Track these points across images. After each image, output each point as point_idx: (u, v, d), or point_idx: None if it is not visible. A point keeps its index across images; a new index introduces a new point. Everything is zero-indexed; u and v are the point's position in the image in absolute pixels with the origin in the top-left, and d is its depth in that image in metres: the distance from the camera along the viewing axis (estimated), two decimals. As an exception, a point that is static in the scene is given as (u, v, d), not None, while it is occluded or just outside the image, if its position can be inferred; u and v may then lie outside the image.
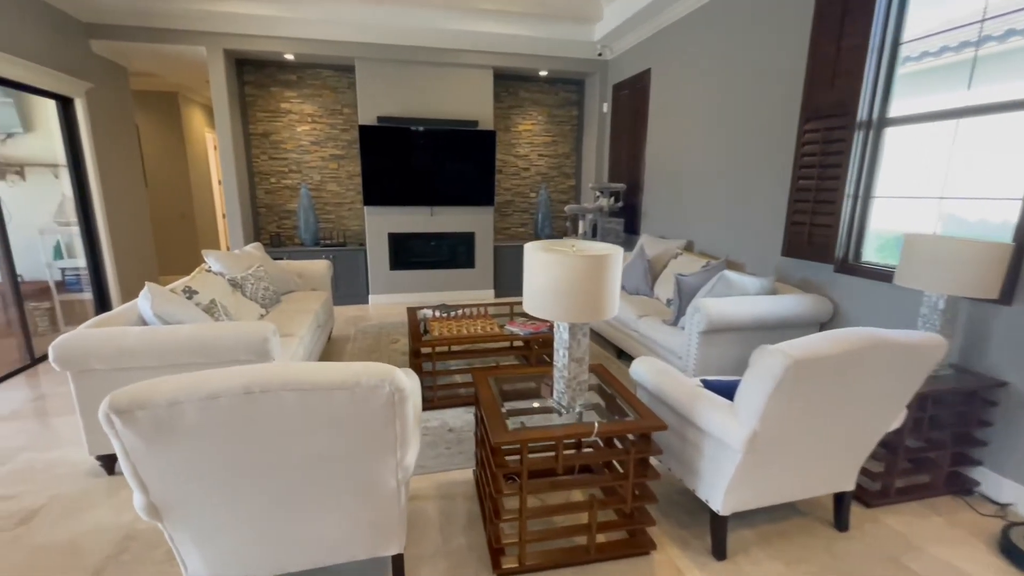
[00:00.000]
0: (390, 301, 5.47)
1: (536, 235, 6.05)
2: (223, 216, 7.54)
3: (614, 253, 1.56)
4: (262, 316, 3.15)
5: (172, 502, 1.23)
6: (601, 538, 1.79)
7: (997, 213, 2.13)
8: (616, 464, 1.95)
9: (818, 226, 2.81)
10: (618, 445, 1.87)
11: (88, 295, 4.47)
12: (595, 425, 1.63)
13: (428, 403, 2.90)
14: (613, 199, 4.78)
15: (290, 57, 4.85)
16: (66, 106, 4.10)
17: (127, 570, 1.69)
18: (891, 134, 2.57)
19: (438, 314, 3.37)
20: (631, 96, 4.89)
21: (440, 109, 5.15)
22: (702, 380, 1.97)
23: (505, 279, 5.80)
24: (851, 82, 2.57)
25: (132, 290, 4.82)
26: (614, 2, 4.53)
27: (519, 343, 3.68)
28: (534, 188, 6.10)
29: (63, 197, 4.28)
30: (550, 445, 2.06)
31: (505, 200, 6.05)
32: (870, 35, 2.47)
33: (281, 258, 4.96)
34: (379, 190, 5.05)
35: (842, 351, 1.43)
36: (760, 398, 1.48)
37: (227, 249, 7.12)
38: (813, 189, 2.81)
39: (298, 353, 2.78)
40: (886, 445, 2.02)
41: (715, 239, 3.77)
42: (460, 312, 3.43)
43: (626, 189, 4.98)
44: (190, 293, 2.54)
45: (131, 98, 5.07)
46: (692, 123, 3.97)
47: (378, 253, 5.31)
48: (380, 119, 4.98)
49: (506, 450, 1.67)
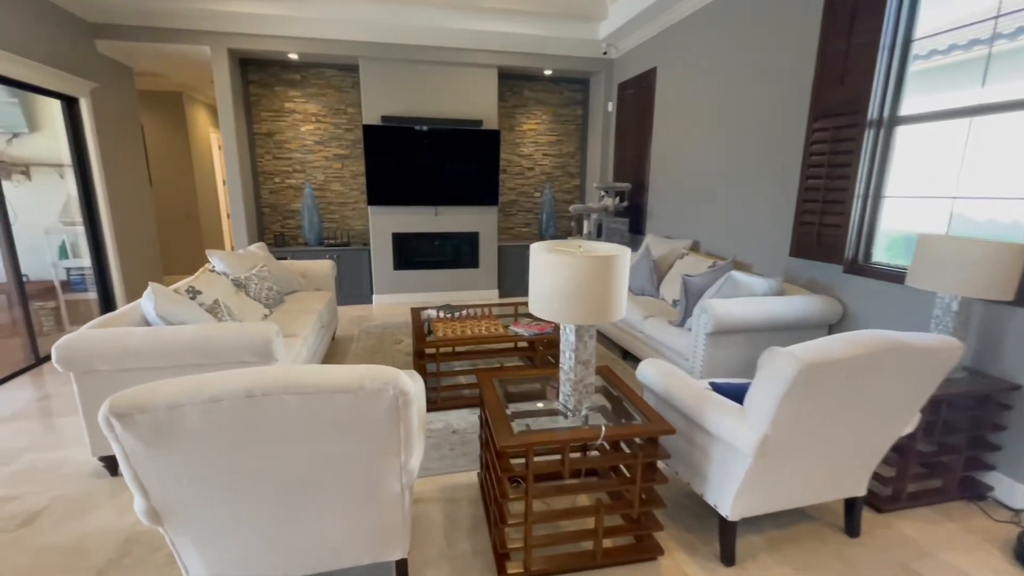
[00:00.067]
0: (394, 301, 5.45)
1: (540, 235, 6.03)
2: (227, 216, 7.55)
3: (622, 254, 1.54)
4: (266, 316, 3.14)
5: (173, 506, 1.21)
6: (608, 543, 1.77)
7: (1007, 213, 2.09)
8: (623, 468, 1.92)
9: (827, 226, 2.77)
10: (625, 449, 1.84)
11: (93, 295, 4.47)
12: (602, 429, 1.60)
13: (432, 404, 2.88)
14: (618, 199, 4.75)
15: (294, 56, 4.84)
16: (71, 106, 4.11)
17: (129, 573, 1.67)
18: (902, 132, 2.53)
19: (442, 315, 3.35)
20: (636, 95, 4.85)
21: (444, 108, 5.13)
22: (710, 383, 1.94)
23: (509, 279, 5.77)
24: (861, 80, 2.53)
25: (137, 290, 4.82)
26: (619, 0, 4.50)
27: (524, 344, 3.65)
28: (538, 188, 6.07)
29: (68, 197, 4.29)
30: (556, 448, 2.04)
31: (509, 200, 6.03)
32: (881, 32, 2.43)
33: (285, 258, 4.95)
34: (383, 190, 5.04)
35: (855, 354, 1.40)
36: (771, 402, 1.45)
37: (231, 249, 7.13)
38: (822, 188, 2.77)
39: (302, 354, 2.77)
40: (898, 449, 1.99)
41: (721, 239, 3.73)
42: (464, 313, 3.41)
43: (631, 189, 4.94)
44: (194, 293, 2.53)
45: (136, 98, 5.07)
46: (698, 122, 3.94)
47: (382, 253, 5.29)
48: (384, 119, 4.97)
49: (511, 453, 1.64)
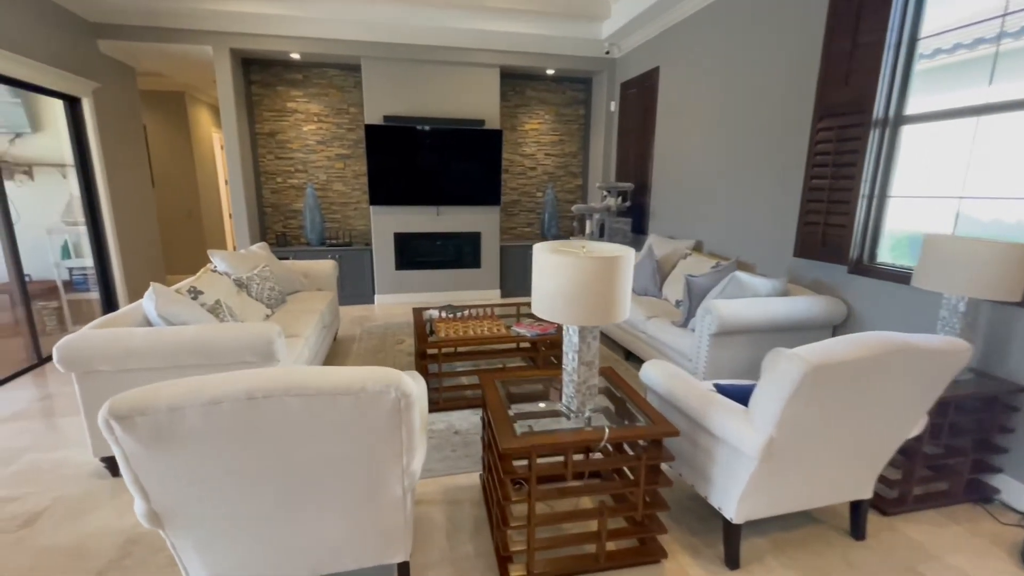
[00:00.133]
0: (396, 301, 5.45)
1: (542, 235, 6.01)
2: (229, 216, 7.56)
3: (626, 255, 1.52)
4: (267, 317, 3.13)
5: (174, 509, 1.20)
6: (611, 546, 1.75)
7: (1011, 213, 2.07)
8: (626, 470, 1.91)
9: (832, 226, 2.75)
10: (628, 451, 1.83)
11: (95, 295, 4.47)
12: (605, 431, 1.59)
13: (434, 405, 2.87)
14: (620, 199, 4.73)
15: (296, 56, 4.83)
16: (73, 106, 4.11)
17: (129, 575, 1.67)
18: (907, 132, 2.51)
19: (444, 315, 3.33)
20: (639, 94, 4.83)
21: (446, 108, 5.12)
22: (714, 384, 1.92)
23: (511, 279, 5.76)
24: (867, 79, 2.51)
25: (139, 289, 4.82)
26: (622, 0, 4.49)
27: (526, 345, 3.64)
28: (540, 187, 6.06)
29: (71, 197, 4.29)
30: (559, 450, 2.02)
31: (511, 200, 6.01)
32: (887, 31, 2.41)
33: (287, 258, 4.95)
34: (385, 190, 5.03)
35: (862, 356, 1.38)
36: (776, 404, 1.44)
37: (233, 249, 7.13)
38: (827, 188, 2.75)
39: (303, 354, 2.76)
40: (904, 452, 1.97)
41: (725, 239, 3.71)
42: (466, 313, 3.40)
43: (634, 188, 4.92)
44: (195, 293, 2.52)
45: (138, 98, 5.07)
46: (701, 121, 3.92)
47: (384, 253, 5.28)
48: (386, 118, 4.96)
49: (514, 455, 1.63)
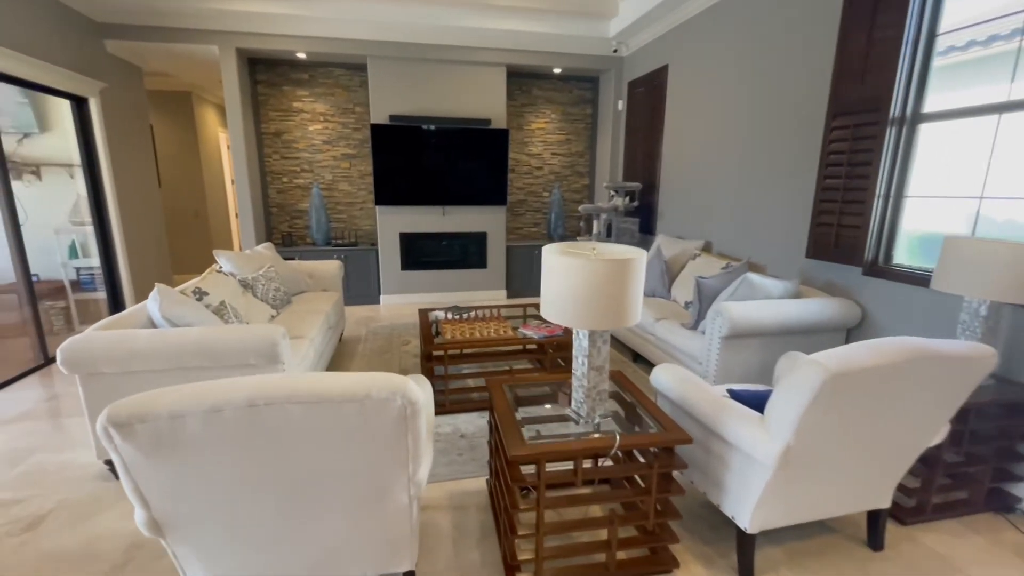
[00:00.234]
0: (401, 301, 5.42)
1: (549, 235, 5.97)
2: (236, 215, 7.57)
3: (638, 257, 1.48)
4: (272, 318, 3.11)
5: (174, 517, 1.17)
6: (622, 555, 1.71)
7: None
8: (637, 478, 1.86)
9: (846, 227, 2.69)
10: (639, 458, 1.78)
11: (102, 294, 4.48)
12: (616, 438, 1.54)
13: (440, 408, 2.84)
14: (628, 198, 4.68)
15: (302, 56, 4.81)
16: (81, 106, 4.11)
17: (133, 580, 1.65)
18: (925, 130, 2.44)
19: (450, 316, 3.30)
20: (647, 93, 4.78)
21: (452, 107, 5.09)
22: (728, 390, 1.88)
23: (517, 279, 5.72)
24: (883, 76, 2.45)
25: (145, 289, 4.82)
26: (630, -3, 4.43)
27: (533, 346, 3.60)
28: (547, 187, 6.01)
29: (78, 197, 4.30)
30: (568, 456, 1.98)
31: (518, 199, 5.97)
32: (905, 26, 2.35)
33: (293, 258, 4.93)
34: (391, 189, 5.00)
35: (884, 363, 1.33)
36: (794, 411, 1.39)
37: (239, 249, 7.14)
38: (841, 188, 2.69)
39: (308, 355, 2.74)
40: (924, 460, 1.91)
41: (735, 240, 3.65)
42: (472, 314, 3.36)
43: (641, 188, 4.87)
44: (200, 294, 2.51)
45: (145, 98, 5.08)
46: (711, 120, 3.86)
47: (390, 253, 5.26)
48: (392, 118, 4.93)
49: (522, 462, 1.59)
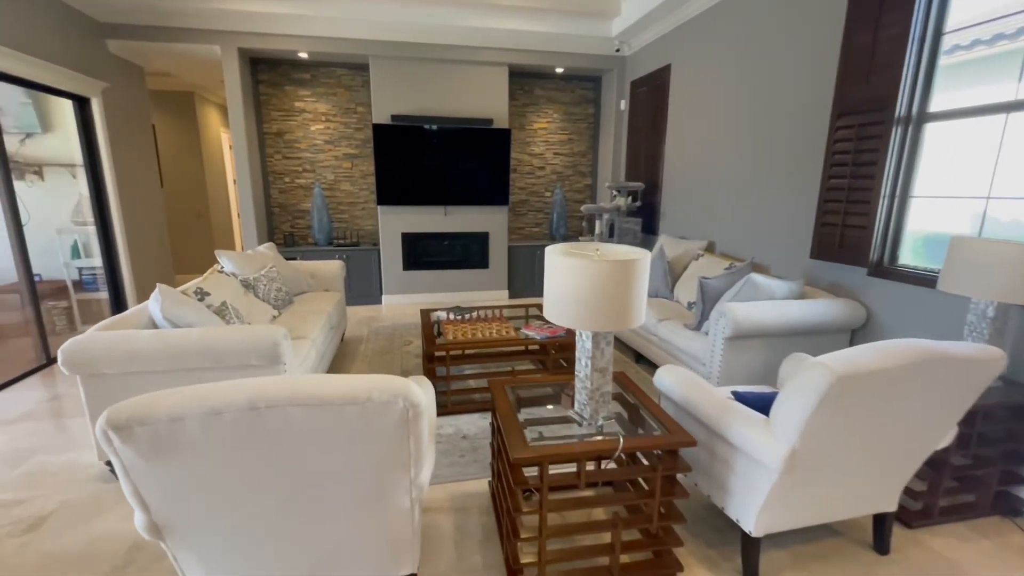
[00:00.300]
0: (403, 301, 5.41)
1: (551, 235, 5.95)
2: (238, 215, 7.57)
3: (642, 258, 1.47)
4: (274, 318, 3.10)
5: (174, 521, 1.16)
6: (625, 558, 1.70)
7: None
8: (641, 480, 1.85)
9: (851, 227, 2.67)
10: (643, 460, 1.77)
11: (104, 294, 4.48)
12: (620, 440, 1.53)
13: (442, 409, 2.83)
14: (631, 198, 4.66)
15: (304, 55, 4.81)
16: (83, 106, 4.11)
17: (133, 583, 1.64)
18: (931, 130, 2.42)
19: (452, 316, 3.29)
20: (650, 93, 4.76)
21: (455, 107, 5.08)
22: (733, 392, 1.86)
23: (519, 279, 5.71)
24: (889, 75, 2.43)
25: (147, 289, 4.82)
26: (633, -4, 4.41)
27: (535, 347, 3.58)
28: (549, 187, 6.00)
29: (80, 197, 4.30)
30: (571, 458, 1.97)
31: (520, 199, 5.96)
32: (911, 25, 2.33)
33: (295, 258, 4.93)
34: (393, 189, 4.99)
35: (892, 366, 1.32)
36: (800, 414, 1.37)
37: (241, 249, 7.14)
38: (846, 188, 2.67)
39: (310, 356, 2.73)
40: (930, 463, 1.89)
41: (738, 240, 3.63)
42: (474, 314, 3.35)
43: (644, 188, 4.85)
44: (202, 295, 2.50)
45: (148, 98, 5.07)
46: (714, 119, 3.84)
47: (391, 253, 5.25)
48: (394, 118, 4.92)
49: (525, 465, 1.58)
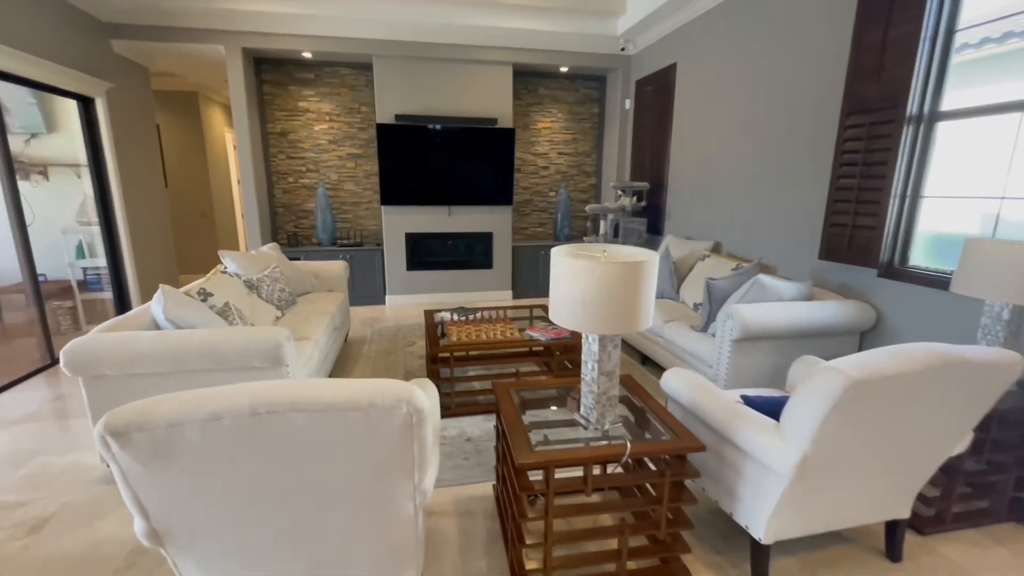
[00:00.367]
0: (407, 302, 5.40)
1: (555, 235, 5.92)
2: (242, 216, 7.57)
3: (649, 259, 1.44)
4: (277, 319, 3.09)
5: (174, 527, 1.14)
6: (632, 565, 1.67)
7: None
8: (648, 486, 1.82)
9: (860, 228, 2.63)
10: (650, 466, 1.74)
11: (109, 294, 4.48)
12: (627, 445, 1.50)
13: (445, 411, 2.81)
14: (636, 198, 4.63)
15: (308, 55, 4.80)
16: (87, 106, 4.11)
17: (134, 587, 1.62)
18: (943, 128, 2.38)
19: (456, 317, 3.27)
20: (655, 92, 4.72)
21: (458, 107, 5.05)
22: (742, 395, 1.83)
23: (523, 280, 5.68)
24: (900, 73, 2.39)
25: (152, 289, 4.82)
26: (639, -6, 4.38)
27: (539, 348, 3.55)
28: (553, 187, 5.97)
29: (85, 197, 4.30)
30: (578, 462, 1.94)
31: (524, 199, 5.93)
32: (923, 22, 2.29)
33: (298, 258, 4.92)
34: (396, 189, 4.98)
35: (908, 370, 1.28)
36: (813, 420, 1.34)
37: (245, 249, 7.14)
38: (855, 188, 2.63)
39: (313, 357, 2.71)
40: (944, 468, 1.85)
41: (745, 240, 3.59)
42: (478, 315, 3.33)
43: (649, 188, 4.81)
44: (205, 296, 2.48)
45: (152, 98, 5.08)
46: (720, 119, 3.80)
47: (395, 253, 5.24)
48: (398, 117, 4.90)
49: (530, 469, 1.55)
